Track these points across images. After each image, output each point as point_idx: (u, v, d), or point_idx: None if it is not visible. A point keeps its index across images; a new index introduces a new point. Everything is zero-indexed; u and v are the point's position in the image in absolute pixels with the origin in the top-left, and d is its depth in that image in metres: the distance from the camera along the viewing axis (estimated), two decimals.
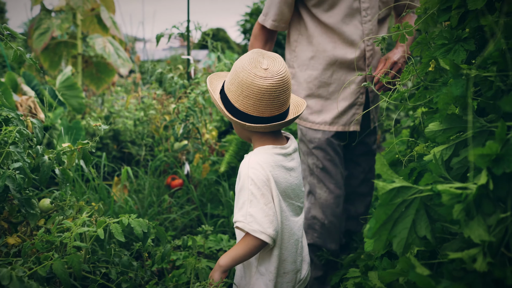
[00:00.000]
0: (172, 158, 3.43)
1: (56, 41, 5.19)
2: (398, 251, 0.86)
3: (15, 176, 1.38)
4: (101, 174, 3.01)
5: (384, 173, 0.88)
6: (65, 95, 4.18)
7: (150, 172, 3.35)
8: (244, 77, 1.30)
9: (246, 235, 1.30)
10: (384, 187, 0.83)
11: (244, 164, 1.35)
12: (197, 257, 2.47)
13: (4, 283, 1.02)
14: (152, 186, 3.18)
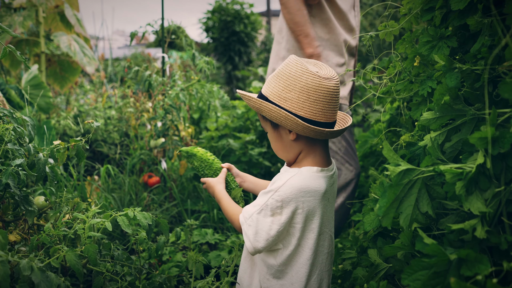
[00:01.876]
0: (147, 156, 3.43)
1: (17, 39, 5.02)
2: (405, 225, 0.96)
3: (18, 173, 1.39)
4: (80, 173, 2.98)
5: (390, 157, 0.98)
6: (32, 94, 4.08)
7: (127, 170, 3.34)
8: (308, 80, 1.22)
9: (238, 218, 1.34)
10: (395, 170, 0.93)
11: (283, 178, 1.29)
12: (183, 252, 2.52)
13: (25, 273, 1.04)
14: (129, 184, 3.17)
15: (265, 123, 1.37)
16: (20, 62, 5.26)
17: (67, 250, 1.20)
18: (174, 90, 2.77)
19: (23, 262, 1.06)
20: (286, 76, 1.25)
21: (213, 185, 1.51)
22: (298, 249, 1.30)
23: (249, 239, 1.26)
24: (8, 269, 1.01)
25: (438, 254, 0.82)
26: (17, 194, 1.46)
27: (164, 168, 3.30)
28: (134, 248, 1.89)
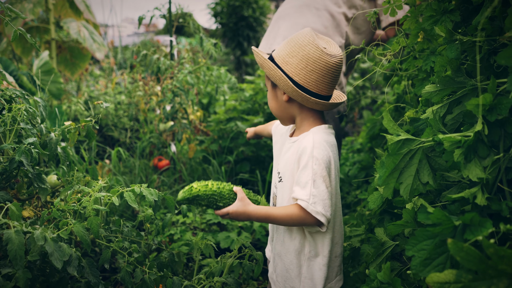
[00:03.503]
0: (157, 139, 3.48)
1: (28, 26, 5.07)
2: (405, 195, 0.98)
3: (31, 151, 1.43)
4: (92, 155, 3.03)
5: (391, 128, 1.00)
6: (44, 80, 4.13)
7: (138, 154, 3.39)
8: (311, 51, 1.30)
9: (299, 208, 1.26)
10: (392, 139, 0.95)
11: (308, 141, 1.32)
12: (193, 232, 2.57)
13: (39, 243, 1.08)
14: (140, 167, 3.22)
15: (267, 81, 1.45)
16: (31, 49, 5.32)
17: (75, 222, 1.24)
18: (182, 73, 2.80)
19: (37, 232, 1.11)
20: (294, 43, 1.34)
21: (242, 211, 1.32)
22: (336, 207, 1.37)
23: (322, 214, 1.24)
24: (23, 238, 1.06)
25: (443, 221, 0.84)
26: (30, 172, 1.50)
27: (173, 151, 3.34)
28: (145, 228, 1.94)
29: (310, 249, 1.36)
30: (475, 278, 0.75)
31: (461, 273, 0.76)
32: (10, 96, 1.62)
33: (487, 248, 0.71)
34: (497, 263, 0.71)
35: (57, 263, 1.10)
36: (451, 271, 0.77)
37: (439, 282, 0.77)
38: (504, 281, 0.72)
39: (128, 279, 1.38)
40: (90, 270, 1.24)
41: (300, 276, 1.37)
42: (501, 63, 0.76)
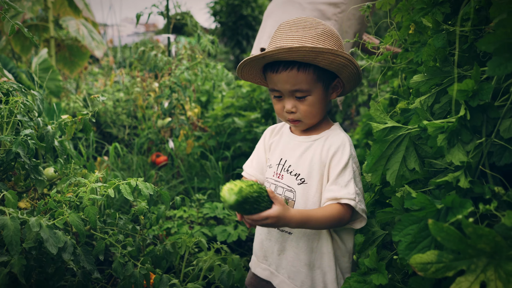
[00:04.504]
0: (155, 135, 3.50)
1: (27, 24, 5.10)
2: (391, 181, 1.00)
3: (27, 142, 1.45)
4: (90, 151, 3.06)
5: (377, 116, 1.02)
6: (42, 77, 4.15)
7: (136, 150, 3.42)
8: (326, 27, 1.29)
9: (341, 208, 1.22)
10: (378, 126, 0.97)
11: (342, 139, 1.30)
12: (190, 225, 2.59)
13: (34, 229, 1.11)
14: (138, 163, 3.25)
15: (314, 85, 1.26)
16: (30, 47, 5.34)
17: (70, 212, 1.26)
18: (179, 69, 2.82)
19: (32, 219, 1.13)
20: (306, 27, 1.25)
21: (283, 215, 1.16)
22: None
23: (364, 212, 1.24)
24: (18, 225, 1.08)
25: (426, 205, 0.86)
26: (27, 163, 1.52)
27: (171, 148, 3.37)
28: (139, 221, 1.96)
29: (341, 247, 1.33)
30: (456, 258, 0.77)
31: (442, 253, 0.78)
32: (7, 89, 1.64)
33: (466, 227, 0.73)
34: (476, 242, 0.73)
35: (52, 249, 1.12)
36: (433, 252, 0.79)
37: (421, 262, 0.79)
38: (483, 259, 0.75)
39: (120, 270, 1.40)
40: (85, 258, 1.26)
41: (336, 277, 1.31)
42: (482, 49, 0.78)
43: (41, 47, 5.30)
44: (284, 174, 1.34)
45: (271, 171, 1.39)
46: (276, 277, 1.37)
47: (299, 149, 1.34)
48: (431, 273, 0.78)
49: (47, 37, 5.19)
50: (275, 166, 1.38)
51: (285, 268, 1.34)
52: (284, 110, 1.30)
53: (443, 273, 0.78)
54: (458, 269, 0.77)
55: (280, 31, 1.28)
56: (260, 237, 1.42)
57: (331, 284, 1.30)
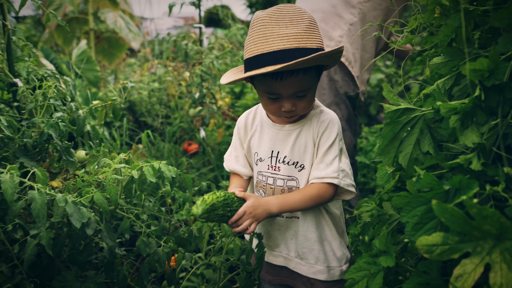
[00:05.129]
0: (187, 124, 3.57)
1: (68, 18, 5.30)
2: (403, 163, 0.99)
3: (58, 125, 1.53)
4: (123, 137, 3.16)
5: (391, 98, 1.01)
6: (81, 68, 4.32)
7: (168, 138, 3.50)
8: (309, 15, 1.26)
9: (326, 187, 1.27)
10: (390, 108, 0.96)
11: (330, 118, 1.32)
12: None
13: (60, 204, 1.17)
14: (170, 150, 3.33)
15: (314, 81, 1.26)
16: (71, 39, 5.56)
17: (96, 191, 1.33)
18: (209, 57, 2.86)
19: (59, 195, 1.20)
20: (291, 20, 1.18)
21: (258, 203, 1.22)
22: None
23: (351, 186, 1.30)
24: (45, 199, 1.15)
25: (434, 186, 0.85)
26: (59, 145, 1.60)
27: (202, 136, 3.43)
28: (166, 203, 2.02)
29: (335, 216, 1.40)
30: (462, 240, 0.76)
31: (448, 235, 0.77)
32: (42, 75, 1.73)
33: (470, 208, 0.72)
34: (481, 224, 0.72)
35: (76, 223, 1.18)
36: (438, 234, 0.78)
37: (427, 244, 0.78)
38: (490, 242, 0.73)
39: (143, 247, 1.46)
40: (108, 234, 1.32)
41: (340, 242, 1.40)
42: (494, 25, 0.76)
43: (82, 39, 5.51)
44: (281, 165, 1.34)
45: (263, 164, 1.37)
46: (290, 261, 1.40)
47: (290, 138, 1.33)
48: (436, 255, 0.78)
49: (87, 29, 5.39)
50: (267, 159, 1.36)
51: (298, 250, 1.37)
52: (281, 110, 1.26)
53: (448, 255, 0.77)
54: (464, 252, 0.75)
55: (266, 27, 1.17)
56: (265, 227, 1.41)
57: (338, 250, 1.37)
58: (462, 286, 0.74)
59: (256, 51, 1.17)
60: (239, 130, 1.45)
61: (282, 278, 1.45)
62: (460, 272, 0.75)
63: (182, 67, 3.52)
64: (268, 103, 1.28)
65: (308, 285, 1.39)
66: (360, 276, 1.04)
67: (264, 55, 1.15)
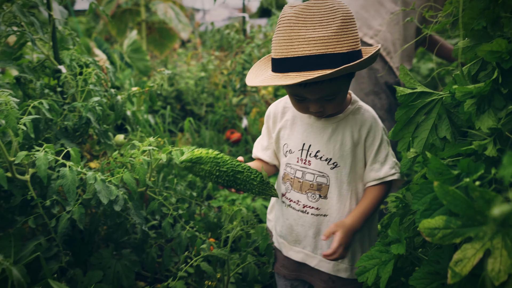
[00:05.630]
0: (230, 113, 3.63)
1: (122, 9, 5.52)
2: (418, 149, 0.97)
3: (95, 109, 1.62)
4: (166, 125, 3.27)
5: (407, 82, 0.98)
6: (132, 58, 4.50)
7: (211, 126, 3.58)
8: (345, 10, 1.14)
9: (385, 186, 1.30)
10: (404, 91, 0.93)
11: (371, 115, 1.29)
12: (253, 198, 2.68)
13: (90, 182, 1.25)
14: (212, 138, 3.41)
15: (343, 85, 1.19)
16: (125, 30, 5.79)
17: (125, 171, 1.40)
18: (249, 46, 2.89)
19: (89, 173, 1.28)
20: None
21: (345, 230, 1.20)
22: None
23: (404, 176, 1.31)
24: (75, 176, 1.23)
25: (443, 170, 0.82)
26: (97, 128, 1.70)
27: (244, 125, 3.47)
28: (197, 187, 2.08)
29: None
30: (464, 224, 0.73)
31: (450, 219, 0.75)
32: (84, 62, 1.83)
33: (472, 191, 0.69)
34: (483, 208, 0.69)
35: (104, 199, 1.26)
36: (441, 217, 0.76)
37: (429, 227, 0.77)
38: (493, 227, 0.70)
39: (168, 229, 1.52)
40: (135, 212, 1.39)
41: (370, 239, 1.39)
42: None
43: (137, 31, 5.72)
44: (312, 160, 1.30)
45: (292, 156, 1.34)
46: (313, 258, 1.36)
47: (325, 132, 1.29)
48: (438, 239, 0.76)
49: (139, 20, 5.59)
50: (298, 152, 1.33)
51: (323, 248, 1.34)
52: (309, 110, 1.22)
53: (450, 240, 0.75)
54: (466, 236, 0.73)
55: (292, 29, 1.08)
56: (288, 221, 1.38)
57: (367, 249, 1.34)
58: (460, 271, 0.72)
59: (280, 53, 1.11)
60: (268, 120, 1.44)
61: (299, 273, 1.43)
62: (460, 257, 0.73)
63: (225, 56, 3.57)
64: (295, 103, 1.25)
65: (329, 283, 1.36)
66: (371, 264, 1.03)
67: (287, 59, 1.09)
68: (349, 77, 1.20)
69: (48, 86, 1.76)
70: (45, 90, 1.70)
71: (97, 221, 1.62)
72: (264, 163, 1.44)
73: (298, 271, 1.42)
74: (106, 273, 1.60)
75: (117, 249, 1.73)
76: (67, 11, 2.78)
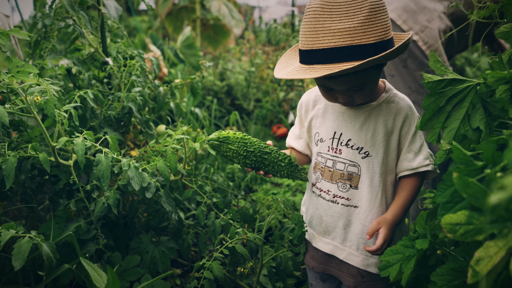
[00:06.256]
0: (277, 107, 3.62)
1: (178, 7, 5.68)
2: (447, 140, 0.91)
3: (136, 99, 1.68)
4: (211, 117, 3.33)
5: (437, 69, 0.92)
6: (185, 53, 4.62)
7: (259, 121, 3.60)
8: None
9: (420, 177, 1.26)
10: (432, 77, 0.88)
11: (407, 104, 1.26)
12: (293, 193, 2.66)
13: (124, 168, 1.30)
14: (258, 133, 3.42)
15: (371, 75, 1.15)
16: (181, 27, 5.95)
17: (159, 159, 1.44)
18: (296, 39, 2.86)
19: (124, 160, 1.33)
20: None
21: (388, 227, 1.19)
22: None
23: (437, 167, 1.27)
24: (109, 162, 1.28)
25: (466, 161, 0.77)
26: (138, 118, 1.76)
27: (291, 120, 3.45)
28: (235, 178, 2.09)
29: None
30: (487, 220, 0.68)
31: (473, 214, 0.70)
32: (130, 55, 1.91)
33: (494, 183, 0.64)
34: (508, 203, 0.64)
35: (135, 186, 1.30)
36: (463, 212, 0.71)
37: (450, 223, 0.72)
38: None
39: (201, 217, 1.55)
40: (167, 199, 1.42)
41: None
42: None
43: (190, 27, 5.86)
44: (343, 148, 1.28)
45: (323, 145, 1.32)
46: (342, 250, 1.33)
47: (357, 120, 1.26)
48: (459, 235, 0.71)
49: (194, 17, 5.72)
50: (329, 141, 1.30)
51: (353, 240, 1.31)
52: (337, 99, 1.21)
53: (472, 236, 0.70)
54: (489, 233, 0.68)
55: (317, 20, 1.06)
56: (318, 212, 1.35)
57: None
58: (481, 270, 0.67)
59: (306, 45, 1.10)
60: (300, 109, 1.43)
61: (327, 267, 1.40)
62: (482, 255, 0.67)
63: (273, 51, 3.57)
64: (324, 93, 1.24)
65: (358, 277, 1.32)
66: (395, 259, 0.98)
67: (313, 51, 1.08)
68: (378, 67, 1.16)
69: (95, 77, 1.85)
70: (92, 81, 1.79)
71: (136, 207, 1.68)
72: (297, 152, 1.44)
73: (326, 264, 1.39)
74: (144, 258, 1.66)
75: (157, 236, 1.79)
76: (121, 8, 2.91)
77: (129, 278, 1.56)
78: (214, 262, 1.35)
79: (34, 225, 1.72)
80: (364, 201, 1.28)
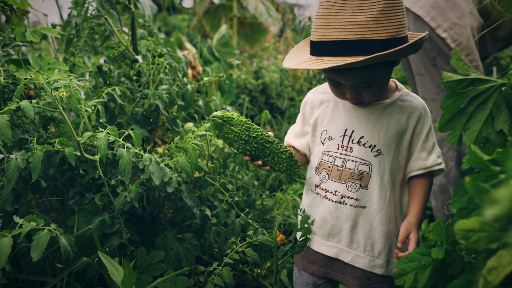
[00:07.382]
0: None
1: (215, 5, 5.74)
2: (468, 142, 0.86)
3: (163, 96, 1.70)
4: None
5: (459, 68, 0.88)
6: (221, 51, 4.66)
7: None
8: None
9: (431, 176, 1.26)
10: (451, 77, 0.84)
11: (421, 103, 1.24)
12: None
13: (145, 163, 1.33)
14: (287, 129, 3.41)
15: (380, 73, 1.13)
16: (218, 25, 6.01)
17: (181, 155, 1.45)
18: None
19: (146, 155, 1.35)
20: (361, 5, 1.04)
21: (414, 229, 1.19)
22: None
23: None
24: (131, 157, 1.31)
25: (483, 166, 0.73)
26: (165, 115, 1.79)
27: None
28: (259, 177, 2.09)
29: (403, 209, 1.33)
30: (502, 228, 0.64)
31: (487, 221, 0.66)
32: (160, 52, 1.94)
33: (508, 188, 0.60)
34: None
35: (156, 180, 1.32)
36: (477, 218, 0.67)
37: (463, 229, 0.68)
38: None
39: (222, 214, 1.55)
40: (188, 194, 1.44)
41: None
42: None
43: (228, 25, 5.91)
44: (354, 146, 1.24)
45: (332, 143, 1.28)
46: (347, 253, 1.29)
47: (371, 118, 1.23)
48: (472, 242, 0.67)
49: (231, 15, 5.76)
50: (339, 138, 1.27)
51: (359, 242, 1.28)
52: (344, 95, 1.19)
53: (485, 244, 0.66)
54: (503, 242, 0.64)
55: (330, 11, 1.04)
56: (321, 214, 1.30)
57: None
58: (493, 280, 0.63)
59: (316, 36, 1.09)
60: (304, 107, 1.39)
61: (328, 271, 1.35)
62: (495, 264, 0.64)
63: None
64: (332, 88, 1.22)
65: (364, 280, 1.28)
66: (410, 267, 0.95)
67: (322, 43, 1.07)
68: (388, 65, 1.14)
69: (125, 74, 1.89)
70: (121, 78, 1.83)
71: (161, 204, 1.71)
72: (295, 151, 1.40)
73: (328, 268, 1.34)
74: (168, 254, 1.68)
75: (182, 233, 1.81)
76: (156, 7, 2.98)
77: (152, 273, 1.59)
78: (224, 268, 1.32)
79: (64, 218, 1.78)
80: (373, 201, 1.25)
